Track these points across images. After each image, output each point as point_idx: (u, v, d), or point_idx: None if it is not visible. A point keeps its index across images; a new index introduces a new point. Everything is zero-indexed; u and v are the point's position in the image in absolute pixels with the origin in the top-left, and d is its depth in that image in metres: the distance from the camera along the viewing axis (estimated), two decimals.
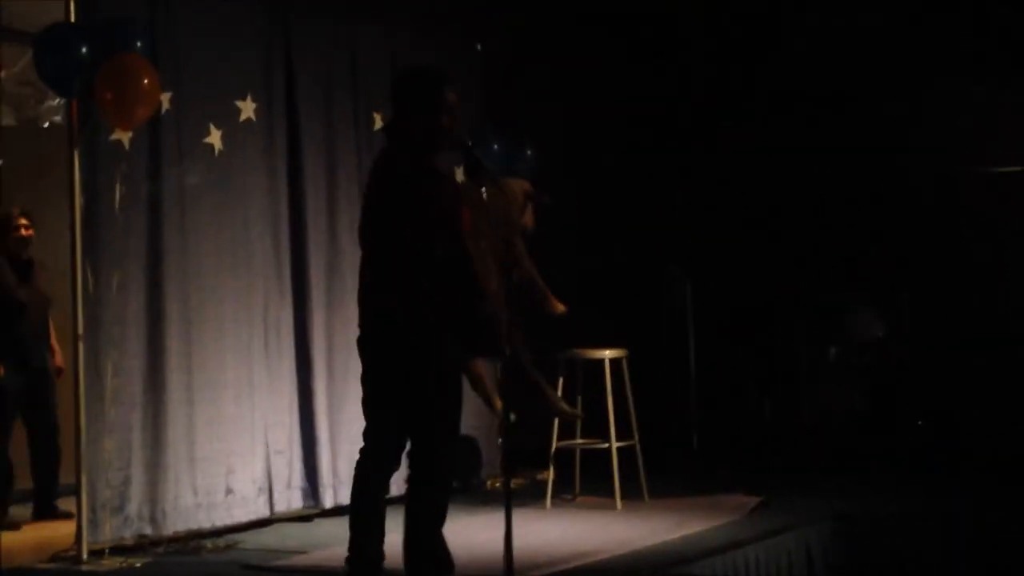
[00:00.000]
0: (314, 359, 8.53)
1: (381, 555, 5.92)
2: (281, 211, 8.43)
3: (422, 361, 5.87)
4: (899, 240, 10.53)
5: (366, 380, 6.04)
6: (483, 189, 6.61)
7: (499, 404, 7.81)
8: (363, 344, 6.01)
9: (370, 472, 5.97)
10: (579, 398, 8.64)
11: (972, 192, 10.42)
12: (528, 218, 8.23)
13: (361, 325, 6.03)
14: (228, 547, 7.58)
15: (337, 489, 8.55)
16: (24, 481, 8.69)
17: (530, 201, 8.21)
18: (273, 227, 8.36)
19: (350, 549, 5.94)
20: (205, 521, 7.77)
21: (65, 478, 8.51)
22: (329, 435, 8.57)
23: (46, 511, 8.53)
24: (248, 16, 8.33)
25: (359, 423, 8.71)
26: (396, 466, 6.02)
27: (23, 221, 8.50)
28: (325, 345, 8.59)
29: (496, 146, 8.80)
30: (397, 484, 6.04)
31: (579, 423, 8.71)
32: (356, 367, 8.67)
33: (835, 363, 10.57)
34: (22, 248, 8.50)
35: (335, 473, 8.57)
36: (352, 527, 5.95)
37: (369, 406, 6.05)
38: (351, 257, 8.72)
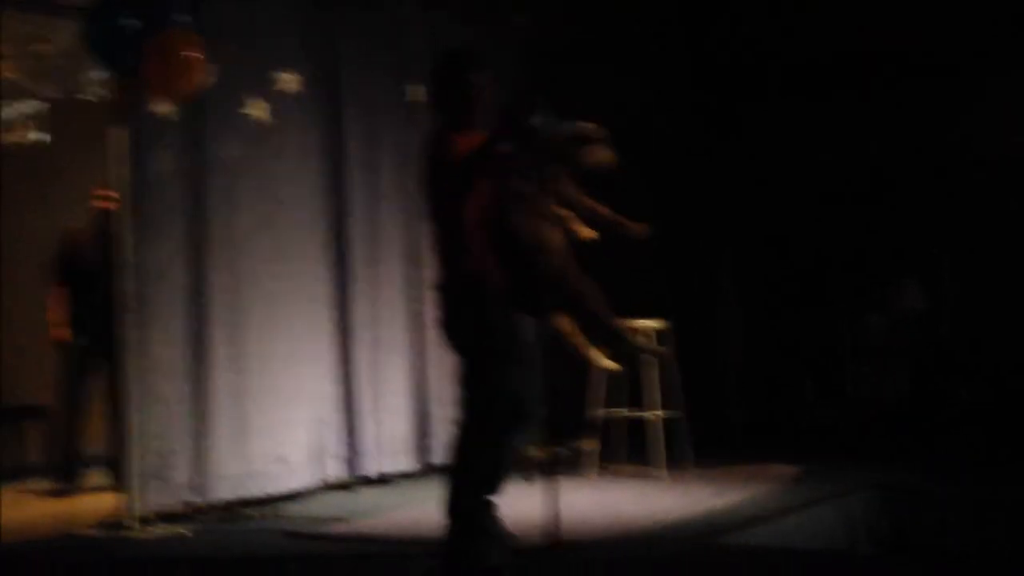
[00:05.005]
0: (355, 329, 8.59)
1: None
2: (323, 184, 8.50)
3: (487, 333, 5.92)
4: (941, 215, 10.52)
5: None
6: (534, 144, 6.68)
7: (595, 357, 7.71)
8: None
9: None
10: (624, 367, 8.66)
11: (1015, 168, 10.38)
12: (600, 156, 8.12)
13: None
14: (273, 515, 7.65)
15: (379, 458, 8.66)
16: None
17: (596, 139, 8.12)
18: (315, 200, 8.43)
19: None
20: (251, 489, 7.86)
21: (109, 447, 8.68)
22: (373, 406, 8.64)
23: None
24: None
25: (400, 395, 8.84)
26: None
27: (106, 193, 8.53)
28: (367, 314, 8.67)
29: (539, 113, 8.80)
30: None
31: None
32: (396, 336, 8.81)
33: (877, 337, 10.55)
34: (103, 220, 8.63)
35: (377, 442, 8.65)
36: None
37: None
38: (392, 230, 8.84)
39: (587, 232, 8.04)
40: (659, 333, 8.51)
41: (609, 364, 7.77)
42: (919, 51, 10.64)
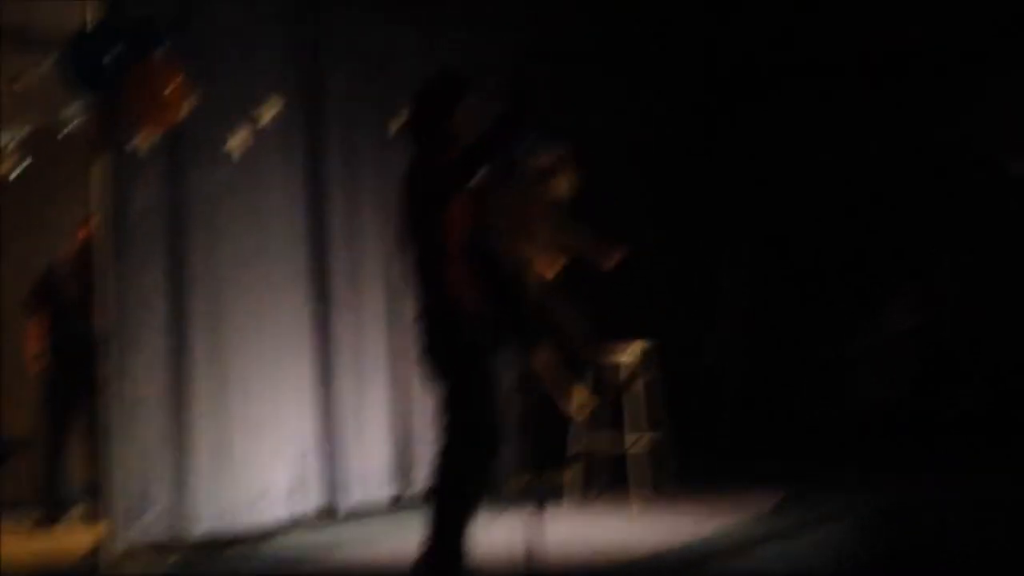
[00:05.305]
0: (335, 361, 8.56)
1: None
2: (303, 213, 8.47)
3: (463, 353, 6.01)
4: (939, 226, 10.59)
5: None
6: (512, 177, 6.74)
7: (571, 400, 7.72)
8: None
9: None
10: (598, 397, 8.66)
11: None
12: (562, 188, 8.09)
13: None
14: (254, 549, 7.64)
15: (356, 490, 8.61)
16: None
17: (561, 170, 8.10)
18: (296, 230, 8.41)
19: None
20: (232, 522, 7.80)
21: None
22: (355, 439, 8.62)
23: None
24: (275, 17, 8.37)
25: (382, 427, 8.81)
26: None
27: (86, 226, 8.57)
28: (348, 345, 8.65)
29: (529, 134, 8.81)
30: None
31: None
32: (376, 367, 8.78)
33: (867, 354, 10.52)
34: (82, 252, 8.63)
35: (355, 474, 8.62)
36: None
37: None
38: (374, 261, 8.83)
39: (552, 269, 8.06)
40: (645, 353, 8.50)
41: (578, 411, 7.78)
42: (919, 51, 10.67)
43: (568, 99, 9.55)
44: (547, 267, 7.66)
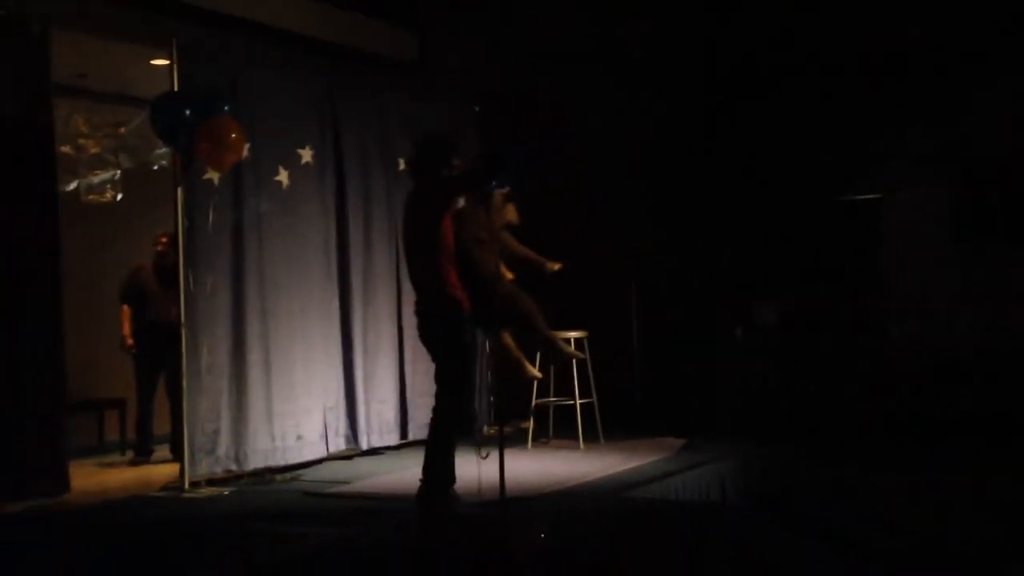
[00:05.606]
0: (354, 339, 8.51)
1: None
2: (331, 230, 8.41)
3: (451, 326, 6.04)
4: (792, 251, 9.96)
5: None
6: (485, 205, 6.80)
7: (527, 369, 7.68)
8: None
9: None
10: (551, 368, 8.58)
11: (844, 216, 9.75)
12: (511, 215, 8.11)
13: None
14: (293, 479, 7.57)
15: (370, 435, 8.57)
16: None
17: (508, 202, 8.10)
18: (325, 242, 8.35)
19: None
20: (276, 460, 7.79)
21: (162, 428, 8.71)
22: (365, 396, 8.55)
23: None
24: (305, 87, 8.32)
25: (388, 388, 8.82)
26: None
27: (162, 239, 8.69)
28: (362, 328, 8.58)
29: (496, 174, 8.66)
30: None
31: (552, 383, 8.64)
32: (384, 343, 8.77)
33: (743, 343, 10.22)
34: (160, 258, 8.71)
35: (369, 423, 8.59)
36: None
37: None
38: (382, 266, 8.80)
39: (554, 266, 8.07)
40: (579, 340, 8.42)
41: (534, 373, 7.74)
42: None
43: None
44: (508, 271, 7.66)
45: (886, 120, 9.39)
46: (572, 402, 8.39)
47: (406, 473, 7.01)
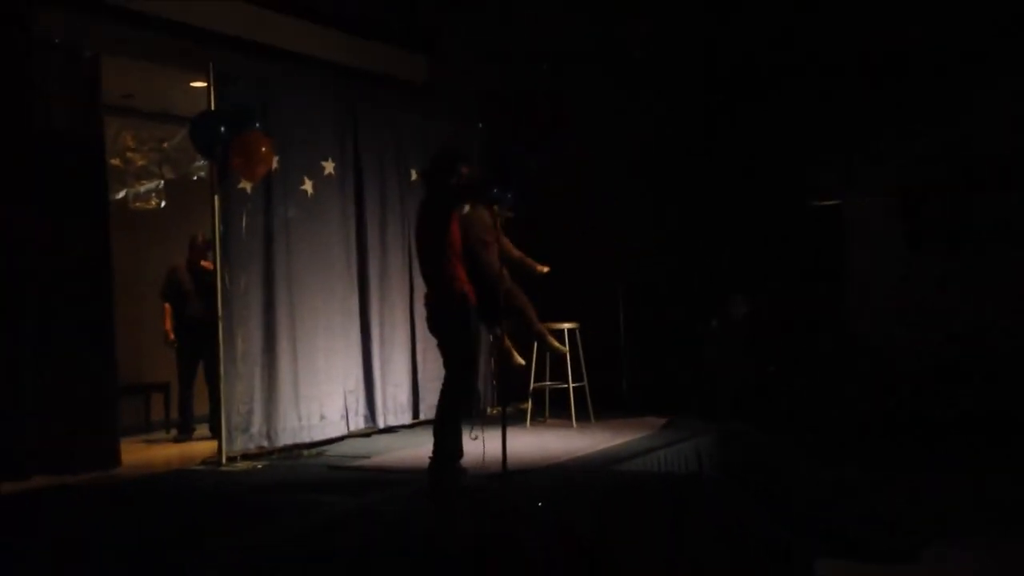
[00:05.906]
0: (372, 331, 8.52)
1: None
2: (350, 234, 8.41)
3: (457, 318, 6.03)
4: (761, 251, 9.80)
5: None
6: (488, 212, 6.84)
7: (515, 357, 7.67)
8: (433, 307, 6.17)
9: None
10: (547, 356, 8.55)
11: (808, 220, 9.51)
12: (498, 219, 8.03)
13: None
14: (318, 454, 7.58)
15: (386, 415, 8.56)
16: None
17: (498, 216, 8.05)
18: (345, 245, 8.34)
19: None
20: (303, 437, 7.79)
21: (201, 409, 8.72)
22: (381, 381, 8.57)
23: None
24: (328, 107, 8.31)
25: (401, 373, 8.83)
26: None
27: (200, 241, 8.73)
28: (378, 321, 8.58)
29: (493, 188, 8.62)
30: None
31: (555, 365, 8.57)
32: (398, 334, 8.71)
33: (718, 332, 10.25)
34: (198, 258, 8.76)
35: (385, 404, 8.59)
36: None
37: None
38: (396, 266, 8.78)
39: (543, 268, 8.03)
40: (572, 331, 8.34)
41: (519, 361, 7.73)
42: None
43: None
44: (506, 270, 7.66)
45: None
46: (566, 386, 8.38)
47: (419, 449, 7.02)
